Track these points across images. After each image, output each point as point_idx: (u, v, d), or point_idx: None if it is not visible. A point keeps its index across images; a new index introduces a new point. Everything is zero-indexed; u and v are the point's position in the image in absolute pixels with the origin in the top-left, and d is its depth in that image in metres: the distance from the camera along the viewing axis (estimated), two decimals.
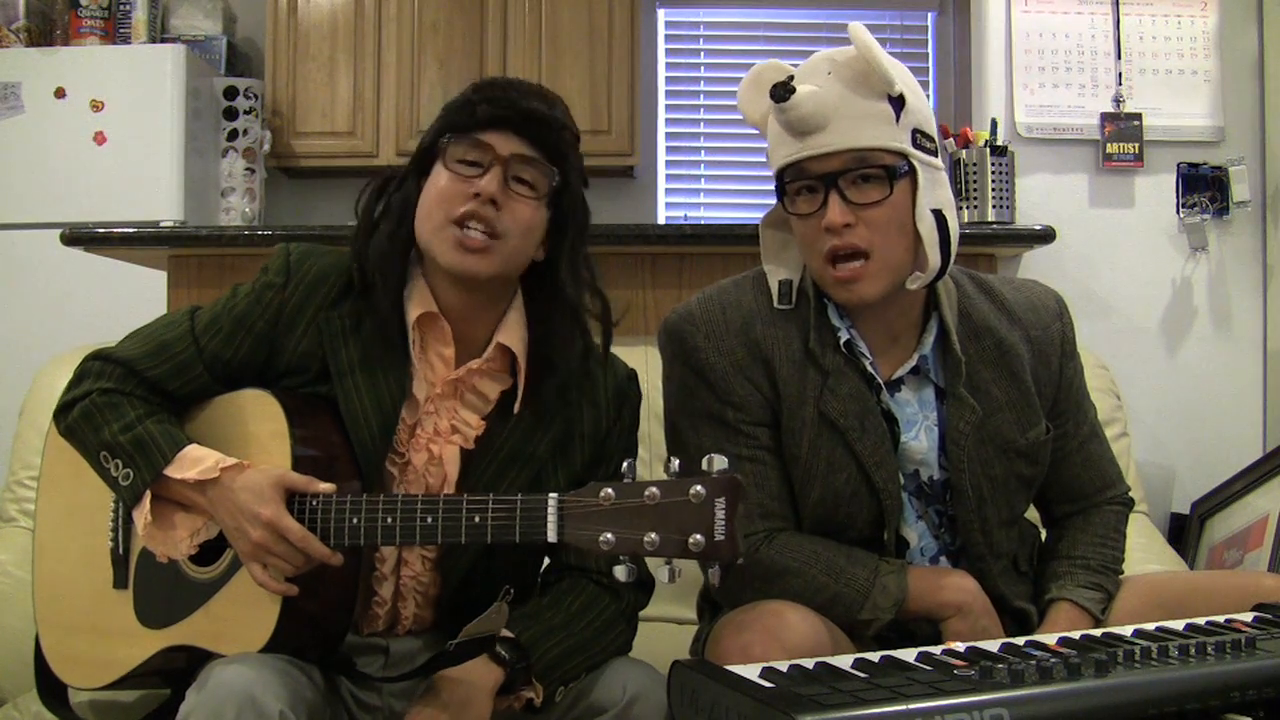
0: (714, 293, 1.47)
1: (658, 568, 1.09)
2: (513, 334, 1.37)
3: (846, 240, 1.32)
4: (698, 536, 1.04)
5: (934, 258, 1.34)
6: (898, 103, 1.33)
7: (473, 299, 1.35)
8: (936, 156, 1.38)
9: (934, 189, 1.35)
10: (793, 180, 1.36)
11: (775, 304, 1.43)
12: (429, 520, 1.18)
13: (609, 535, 1.08)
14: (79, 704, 1.47)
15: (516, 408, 1.36)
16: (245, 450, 1.28)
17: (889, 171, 1.32)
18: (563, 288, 1.36)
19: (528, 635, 1.28)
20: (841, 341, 1.40)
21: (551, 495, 1.13)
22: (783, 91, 1.31)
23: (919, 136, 1.35)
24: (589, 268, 1.40)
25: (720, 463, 1.06)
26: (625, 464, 1.12)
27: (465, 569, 1.35)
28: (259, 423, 1.30)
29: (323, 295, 1.35)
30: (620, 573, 1.09)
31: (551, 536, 1.13)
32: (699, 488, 1.05)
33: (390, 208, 1.36)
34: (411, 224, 1.34)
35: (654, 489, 1.07)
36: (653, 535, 1.06)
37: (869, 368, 1.40)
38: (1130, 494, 1.57)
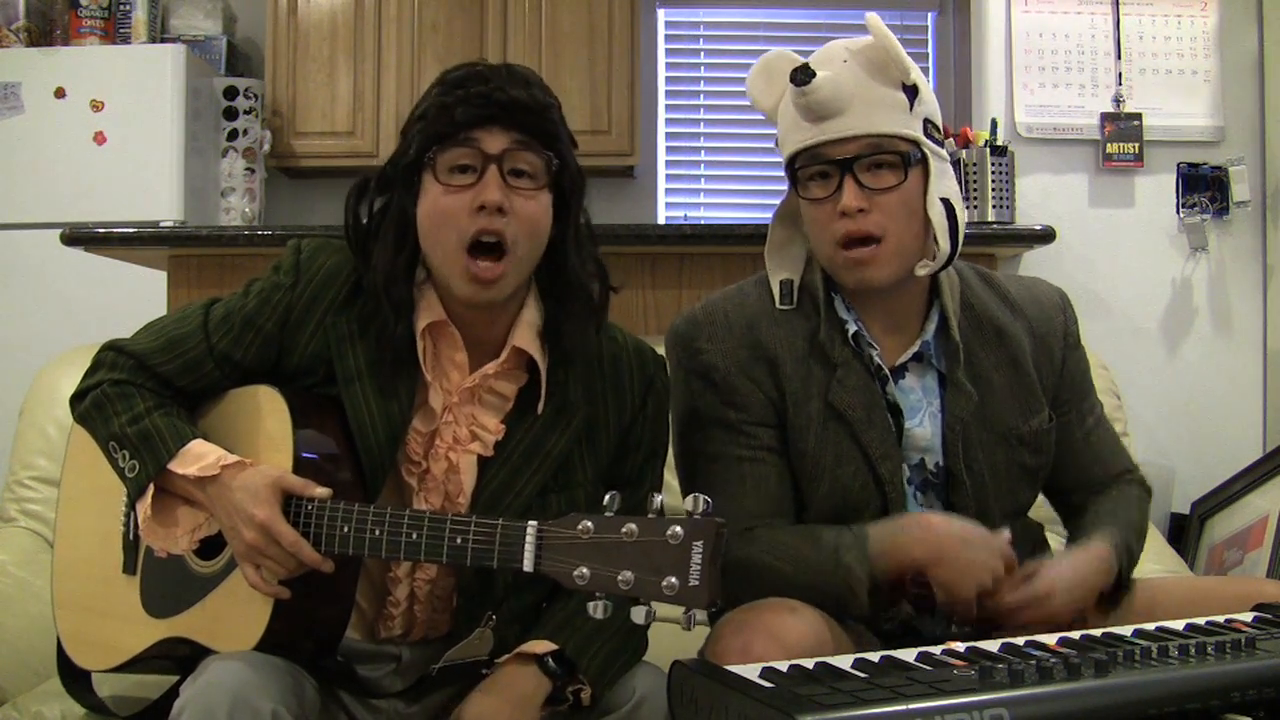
0: (718, 298, 1.49)
1: (634, 608, 1.03)
2: (526, 335, 1.32)
3: (860, 225, 1.34)
4: (672, 579, 1.00)
5: (944, 244, 1.36)
6: (911, 91, 1.36)
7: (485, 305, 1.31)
8: (943, 148, 1.40)
9: (943, 178, 1.38)
10: (805, 165, 1.38)
11: (777, 304, 1.45)
12: (414, 536, 1.16)
13: (584, 570, 1.04)
14: (104, 696, 1.46)
15: (540, 408, 1.32)
16: (251, 447, 1.28)
17: (904, 158, 1.35)
18: (570, 267, 1.32)
19: (571, 646, 1.25)
20: (850, 334, 1.41)
21: (531, 523, 1.09)
22: (804, 75, 1.34)
23: (929, 126, 1.38)
24: (590, 235, 1.35)
25: (703, 503, 1.02)
26: (608, 496, 1.07)
27: (472, 573, 1.31)
28: (266, 420, 1.29)
29: (332, 296, 1.32)
30: (595, 609, 1.04)
31: (528, 566, 1.08)
32: (677, 529, 1.01)
33: (385, 228, 1.31)
34: (412, 245, 1.29)
35: (632, 525, 1.03)
36: (628, 574, 1.02)
37: (876, 359, 1.41)
38: (1142, 474, 1.57)
